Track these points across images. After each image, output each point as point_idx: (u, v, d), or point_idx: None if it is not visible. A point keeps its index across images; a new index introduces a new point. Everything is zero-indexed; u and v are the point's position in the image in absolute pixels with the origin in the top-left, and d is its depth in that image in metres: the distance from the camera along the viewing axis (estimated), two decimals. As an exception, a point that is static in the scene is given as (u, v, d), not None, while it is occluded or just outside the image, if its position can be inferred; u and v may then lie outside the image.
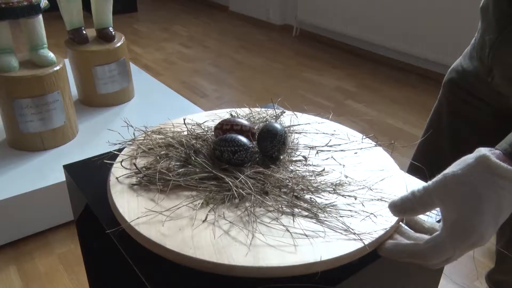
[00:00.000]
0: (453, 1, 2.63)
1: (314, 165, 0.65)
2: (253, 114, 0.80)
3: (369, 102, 2.63)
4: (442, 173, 0.50)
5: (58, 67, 1.62)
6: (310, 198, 0.58)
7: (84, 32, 1.92)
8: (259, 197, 0.57)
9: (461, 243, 0.47)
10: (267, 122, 0.73)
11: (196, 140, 0.68)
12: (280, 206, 0.56)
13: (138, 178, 0.62)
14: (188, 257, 0.49)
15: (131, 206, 0.57)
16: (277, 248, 0.50)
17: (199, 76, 3.01)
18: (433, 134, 0.91)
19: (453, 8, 2.64)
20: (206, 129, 0.73)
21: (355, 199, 0.58)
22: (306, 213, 0.55)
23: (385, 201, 0.58)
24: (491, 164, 0.47)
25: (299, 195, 0.58)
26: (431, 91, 2.77)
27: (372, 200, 0.58)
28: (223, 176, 0.59)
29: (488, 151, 0.48)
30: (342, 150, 0.70)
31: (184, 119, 0.76)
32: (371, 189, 0.61)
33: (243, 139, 0.62)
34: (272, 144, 0.62)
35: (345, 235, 0.52)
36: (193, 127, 0.74)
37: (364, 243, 0.51)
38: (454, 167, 0.49)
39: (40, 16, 1.61)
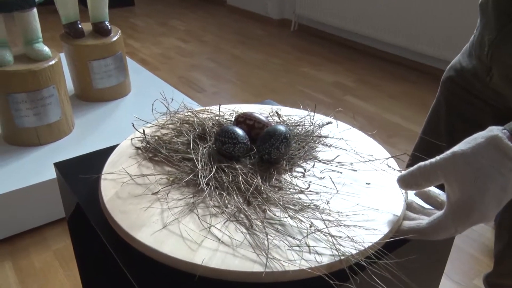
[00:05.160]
0: (452, -5, 2.62)
1: (307, 181, 0.61)
2: (296, 117, 0.77)
3: (368, 98, 2.61)
4: (451, 150, 0.50)
5: (53, 62, 1.60)
6: (265, 208, 0.54)
7: (80, 26, 1.90)
8: (207, 187, 0.56)
9: (463, 222, 0.48)
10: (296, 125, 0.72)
11: (215, 125, 0.71)
12: (226, 204, 0.54)
13: (144, 144, 0.67)
14: (111, 217, 0.53)
15: (116, 164, 0.63)
16: (185, 240, 0.49)
17: (196, 71, 2.99)
18: (432, 133, 0.90)
19: (453, 2, 2.62)
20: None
21: (310, 226, 0.52)
22: (245, 221, 0.53)
23: (339, 243, 0.50)
24: (501, 145, 0.47)
25: (252, 202, 0.55)
26: (430, 86, 2.76)
27: (326, 236, 0.51)
28: (196, 160, 0.61)
29: (500, 131, 0.48)
30: (353, 170, 0.64)
31: (219, 105, 0.80)
32: (324, 224, 0.52)
33: (239, 133, 0.61)
34: (264, 146, 0.61)
35: (256, 254, 0.48)
36: (230, 114, 0.76)
37: (263, 269, 0.46)
38: (463, 145, 0.49)
39: (35, 10, 1.59)
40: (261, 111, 0.79)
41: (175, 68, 3.02)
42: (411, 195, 0.61)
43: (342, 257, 0.48)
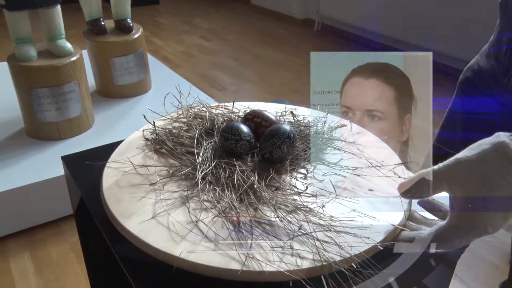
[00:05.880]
0: (480, -4, 2.55)
1: (307, 183, 0.59)
2: (310, 117, 0.75)
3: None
4: (454, 157, 0.47)
5: (75, 58, 1.63)
6: (256, 207, 0.53)
7: (103, 23, 1.93)
8: (202, 182, 0.56)
9: (467, 233, 0.46)
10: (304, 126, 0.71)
11: (225, 122, 0.71)
12: (218, 200, 0.54)
13: (154, 135, 0.69)
14: (106, 204, 0.55)
15: (124, 153, 0.65)
16: (170, 231, 0.50)
17: (218, 69, 3.00)
18: (447, 135, 0.88)
19: (475, 3, 2.56)
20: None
21: (299, 228, 0.50)
22: (235, 217, 0.52)
23: (323, 248, 0.48)
24: (508, 151, 0.43)
25: (244, 199, 0.54)
26: (450, 87, 2.69)
27: (314, 240, 0.49)
28: (197, 154, 0.61)
29: (507, 137, 0.45)
30: (356, 175, 0.62)
31: (233, 102, 0.80)
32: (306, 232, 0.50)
33: (243, 129, 0.61)
34: (266, 144, 0.60)
35: (237, 251, 0.47)
36: (244, 111, 0.75)
37: (240, 267, 0.45)
38: (468, 152, 0.47)
39: (59, 7, 1.63)
40: (276, 109, 0.78)
41: (196, 66, 3.04)
42: (414, 204, 0.58)
43: (324, 263, 0.45)
